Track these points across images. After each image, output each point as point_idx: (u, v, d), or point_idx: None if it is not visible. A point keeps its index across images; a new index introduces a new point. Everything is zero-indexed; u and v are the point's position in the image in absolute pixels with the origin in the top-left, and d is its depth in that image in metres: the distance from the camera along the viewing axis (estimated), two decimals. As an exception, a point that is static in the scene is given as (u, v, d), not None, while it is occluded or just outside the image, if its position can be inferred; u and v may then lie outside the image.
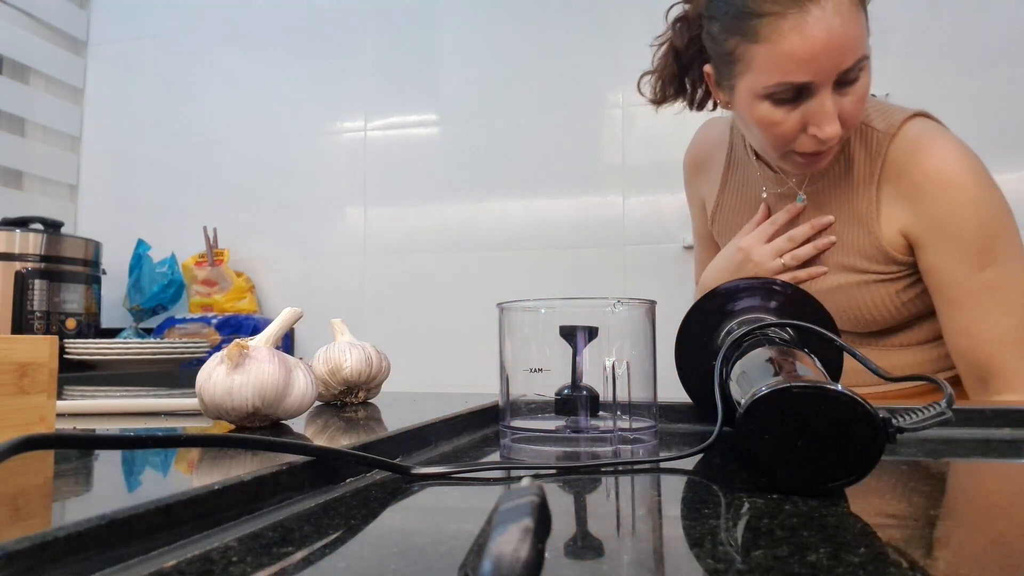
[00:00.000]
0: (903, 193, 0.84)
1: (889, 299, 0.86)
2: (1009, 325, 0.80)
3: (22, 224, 1.61)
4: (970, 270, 0.81)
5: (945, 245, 0.82)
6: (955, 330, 0.83)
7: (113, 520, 0.23)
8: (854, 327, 0.89)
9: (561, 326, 0.44)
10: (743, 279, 0.53)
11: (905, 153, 0.85)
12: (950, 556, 0.26)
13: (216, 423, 0.47)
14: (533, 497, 0.22)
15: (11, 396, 0.37)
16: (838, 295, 0.87)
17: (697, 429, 0.56)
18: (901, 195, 0.85)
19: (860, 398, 0.32)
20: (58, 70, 2.03)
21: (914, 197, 0.84)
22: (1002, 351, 0.79)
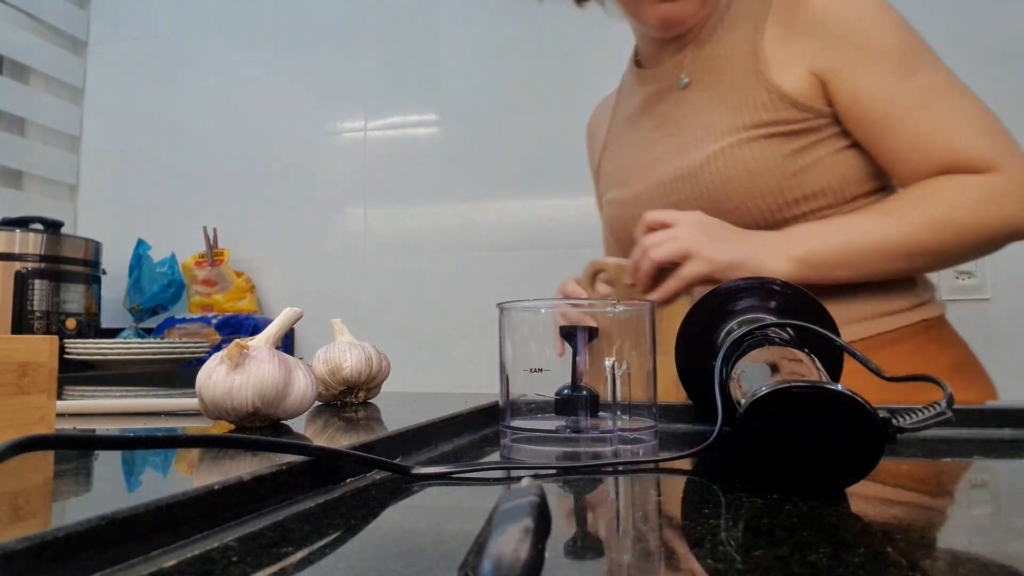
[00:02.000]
0: (801, 29, 0.79)
1: (776, 163, 0.78)
2: (962, 119, 0.75)
3: (22, 224, 1.61)
4: (901, 80, 0.76)
5: (866, 62, 0.76)
6: (900, 160, 0.76)
7: (113, 520, 0.23)
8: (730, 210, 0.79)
9: (561, 326, 0.44)
10: (743, 279, 0.53)
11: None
12: (950, 556, 0.26)
13: (216, 423, 0.47)
14: (533, 497, 0.22)
15: (11, 396, 0.37)
16: (719, 160, 0.79)
17: (697, 429, 0.56)
18: (799, 32, 0.79)
19: (860, 398, 0.32)
20: (58, 70, 2.03)
21: (816, 28, 0.78)
22: (974, 142, 0.74)
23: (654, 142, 0.89)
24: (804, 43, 0.79)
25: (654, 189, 0.86)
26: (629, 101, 0.98)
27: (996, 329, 1.50)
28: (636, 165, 0.90)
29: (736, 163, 0.79)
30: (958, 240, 0.74)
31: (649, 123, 0.91)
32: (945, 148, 0.74)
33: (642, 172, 0.89)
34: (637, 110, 0.94)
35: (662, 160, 0.86)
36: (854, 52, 0.77)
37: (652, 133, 0.90)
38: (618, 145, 0.97)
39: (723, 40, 0.85)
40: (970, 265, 1.50)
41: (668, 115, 0.88)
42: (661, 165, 0.86)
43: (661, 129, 0.89)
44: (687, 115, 0.86)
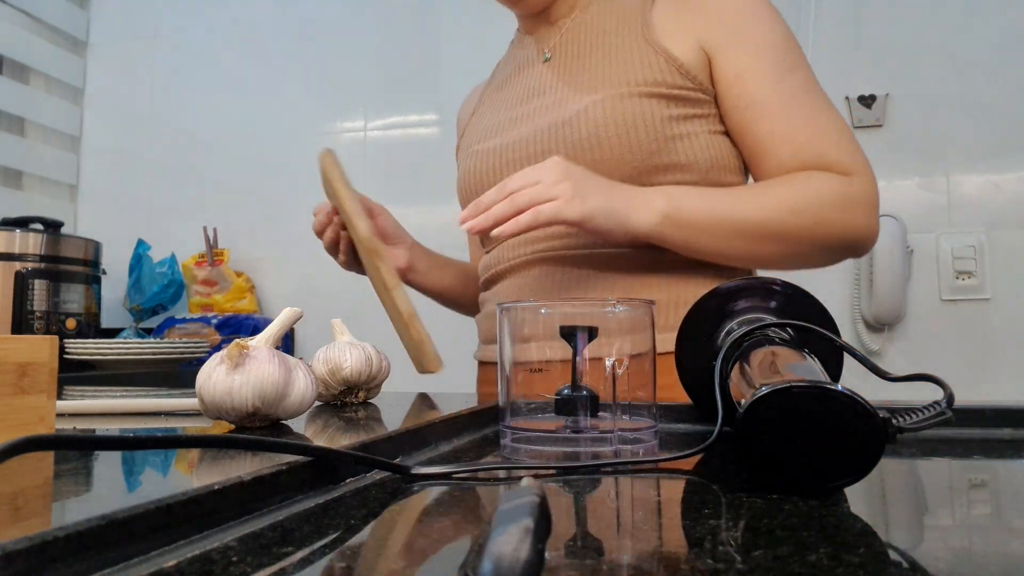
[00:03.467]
0: (691, 6, 0.82)
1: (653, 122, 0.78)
2: (821, 126, 0.78)
3: (22, 224, 1.61)
4: (780, 72, 0.79)
5: (751, 47, 0.79)
6: (771, 144, 0.78)
7: (113, 520, 0.23)
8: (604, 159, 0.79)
9: (561, 326, 0.44)
10: (743, 279, 0.53)
11: None
12: (950, 556, 0.26)
13: (216, 423, 0.47)
14: (533, 497, 0.22)
15: (11, 396, 0.37)
16: (596, 109, 0.79)
17: (697, 429, 0.56)
18: (689, 7, 0.82)
19: (860, 398, 0.32)
20: (58, 70, 2.03)
21: (705, 7, 0.81)
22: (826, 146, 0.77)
23: (522, 101, 0.90)
24: (694, 18, 0.81)
25: (526, 138, 0.85)
26: (503, 69, 1.00)
27: (996, 329, 1.50)
28: (507, 119, 0.90)
29: (614, 113, 0.79)
30: (813, 232, 0.75)
31: (518, 88, 0.92)
32: (814, 145, 0.77)
33: (512, 124, 0.89)
34: (509, 75, 0.96)
35: (536, 113, 0.86)
36: (740, 36, 0.80)
37: (519, 94, 0.91)
38: (487, 106, 0.97)
39: (604, 17, 0.87)
40: (970, 265, 1.51)
41: (534, 80, 0.90)
42: (535, 118, 0.86)
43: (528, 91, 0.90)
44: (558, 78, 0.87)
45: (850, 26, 1.61)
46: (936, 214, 1.54)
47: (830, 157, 0.77)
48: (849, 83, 1.59)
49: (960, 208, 1.53)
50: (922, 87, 1.56)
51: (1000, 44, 1.53)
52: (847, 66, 1.60)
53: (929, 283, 1.53)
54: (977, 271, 1.50)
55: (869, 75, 1.59)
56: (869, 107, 1.57)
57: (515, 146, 0.86)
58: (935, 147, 1.55)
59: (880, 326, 1.54)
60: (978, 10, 1.54)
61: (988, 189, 1.52)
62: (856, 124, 1.58)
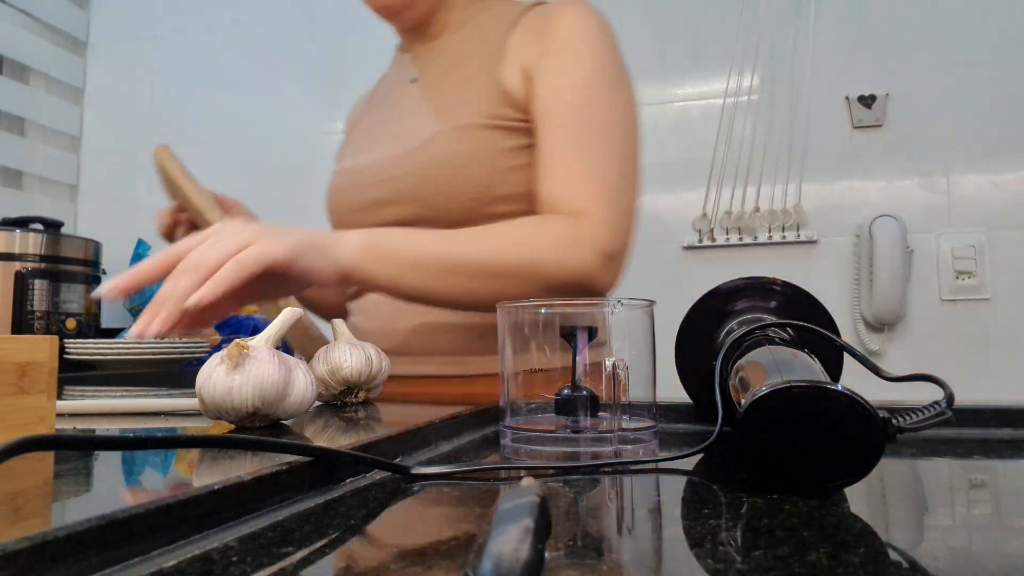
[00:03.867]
0: (536, 33, 0.83)
1: (490, 154, 0.80)
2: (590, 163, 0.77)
3: (22, 224, 1.61)
4: (570, 106, 0.78)
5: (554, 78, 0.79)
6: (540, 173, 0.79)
7: (113, 520, 0.23)
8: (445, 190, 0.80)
9: (561, 326, 0.44)
10: (742, 278, 0.53)
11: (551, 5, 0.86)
12: (950, 556, 0.26)
13: (216, 423, 0.47)
14: (533, 497, 0.22)
15: (11, 396, 0.37)
16: (438, 141, 0.81)
17: (697, 429, 0.56)
18: (534, 37, 0.83)
19: (860, 398, 0.32)
20: (58, 70, 2.03)
21: (544, 35, 0.82)
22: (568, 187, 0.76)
23: (388, 122, 0.92)
24: (533, 46, 0.82)
25: (377, 164, 0.87)
26: (383, 84, 1.02)
27: (996, 329, 1.50)
28: (368, 141, 0.92)
29: (453, 145, 0.80)
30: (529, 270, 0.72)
31: (388, 107, 0.95)
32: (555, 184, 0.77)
33: (371, 147, 0.91)
34: (385, 93, 0.98)
35: (391, 139, 0.88)
36: (547, 65, 0.80)
37: (387, 114, 0.93)
38: (361, 124, 0.99)
39: (469, 41, 0.88)
40: (970, 265, 1.51)
41: (401, 100, 0.92)
42: (388, 143, 0.88)
43: (395, 112, 0.92)
44: (419, 103, 0.88)
45: (850, 26, 1.61)
46: (936, 214, 1.54)
47: (567, 196, 0.76)
48: (849, 83, 1.59)
49: (960, 208, 1.53)
50: (922, 87, 1.56)
51: (1000, 44, 1.53)
52: (847, 66, 1.60)
53: (929, 283, 1.53)
54: (977, 271, 1.50)
55: (869, 75, 1.59)
56: (869, 107, 1.57)
57: (367, 170, 0.88)
58: (935, 147, 1.55)
59: (880, 326, 1.54)
60: (978, 10, 1.54)
61: (988, 189, 1.52)
62: (856, 124, 1.58)
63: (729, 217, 1.62)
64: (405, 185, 0.83)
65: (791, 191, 1.60)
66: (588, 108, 0.79)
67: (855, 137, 1.59)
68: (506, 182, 0.81)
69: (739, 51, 1.65)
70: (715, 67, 1.67)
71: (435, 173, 0.81)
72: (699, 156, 1.66)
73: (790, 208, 1.59)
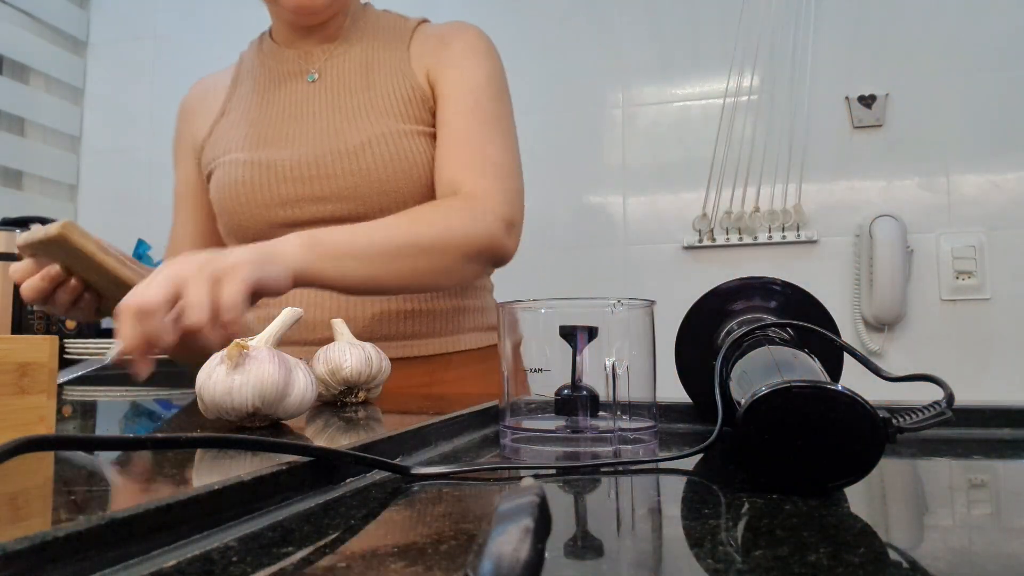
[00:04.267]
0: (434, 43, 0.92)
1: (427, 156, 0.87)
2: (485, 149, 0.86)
3: (22, 224, 1.61)
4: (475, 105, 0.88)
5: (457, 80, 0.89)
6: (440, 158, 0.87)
7: (113, 520, 0.23)
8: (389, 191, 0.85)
9: (561, 326, 0.44)
10: (742, 279, 0.53)
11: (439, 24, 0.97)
12: (950, 556, 0.26)
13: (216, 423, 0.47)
14: (533, 497, 0.22)
15: (11, 396, 0.37)
16: (384, 144, 0.86)
17: (697, 429, 0.56)
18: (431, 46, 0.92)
19: (860, 398, 0.32)
20: (58, 70, 2.03)
21: (443, 44, 0.92)
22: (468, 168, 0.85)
23: (291, 119, 0.92)
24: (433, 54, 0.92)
25: (304, 159, 0.88)
26: (254, 74, 0.99)
27: (996, 329, 1.50)
28: (272, 135, 0.91)
29: (400, 150, 0.86)
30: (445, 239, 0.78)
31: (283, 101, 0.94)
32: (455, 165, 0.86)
33: (280, 141, 0.90)
34: (265, 85, 0.97)
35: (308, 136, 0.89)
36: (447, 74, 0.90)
37: (284, 110, 0.93)
38: (239, 113, 0.96)
39: (367, 47, 0.94)
40: (970, 265, 1.51)
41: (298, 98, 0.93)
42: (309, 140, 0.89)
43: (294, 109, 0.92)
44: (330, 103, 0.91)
45: (850, 26, 1.61)
46: (936, 214, 1.54)
47: (467, 176, 0.84)
48: (849, 83, 1.59)
49: (960, 208, 1.53)
50: (922, 87, 1.56)
51: (1000, 44, 1.53)
52: (847, 66, 1.60)
53: (929, 283, 1.53)
54: (977, 271, 1.50)
55: (869, 75, 1.59)
56: (869, 107, 1.57)
57: (291, 164, 0.88)
58: (935, 147, 1.55)
59: (880, 326, 1.54)
60: (978, 10, 1.54)
61: (988, 189, 1.52)
62: (856, 124, 1.58)
63: (729, 217, 1.62)
64: (345, 184, 0.86)
65: (791, 191, 1.60)
66: (480, 105, 0.89)
67: (855, 137, 1.59)
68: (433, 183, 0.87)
69: (739, 51, 1.65)
70: (715, 67, 1.67)
71: (380, 175, 0.86)
72: (699, 156, 1.66)
73: (790, 208, 1.59)
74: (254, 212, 0.90)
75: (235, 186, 0.91)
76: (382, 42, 0.94)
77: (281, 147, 0.91)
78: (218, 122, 0.99)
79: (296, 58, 0.96)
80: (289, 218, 0.88)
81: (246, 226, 0.91)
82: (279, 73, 0.97)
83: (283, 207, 0.88)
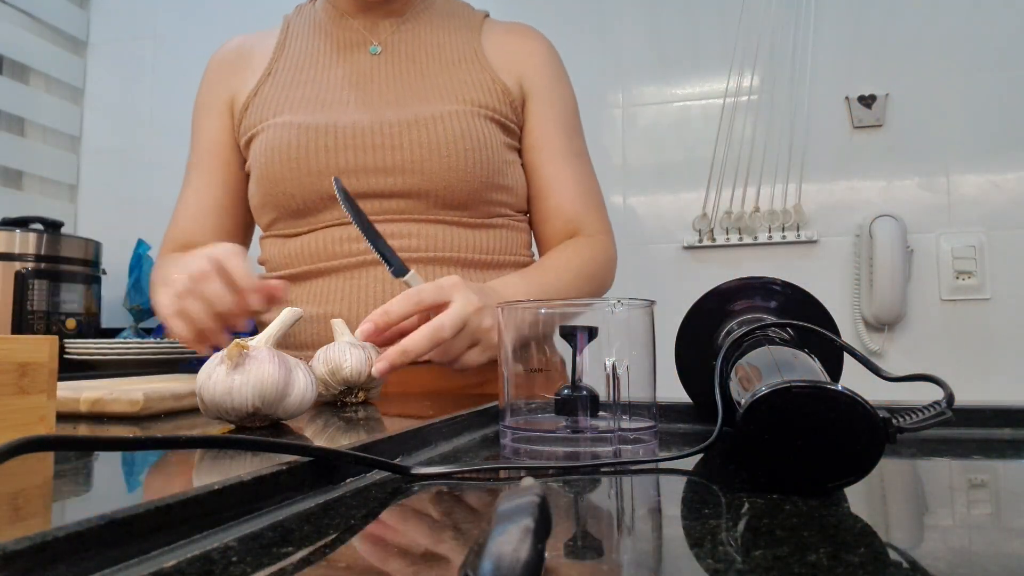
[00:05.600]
0: (512, 46, 0.94)
1: (496, 145, 0.87)
2: (592, 188, 0.95)
3: (22, 224, 1.61)
4: (568, 135, 0.94)
5: (553, 105, 0.93)
6: (553, 186, 0.92)
7: (113, 520, 0.23)
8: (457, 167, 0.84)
9: (561, 326, 0.44)
10: (742, 279, 0.53)
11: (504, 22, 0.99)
12: (950, 556, 0.26)
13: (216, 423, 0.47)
14: (533, 497, 0.22)
15: (11, 396, 0.37)
16: (456, 120, 0.85)
17: (697, 429, 0.56)
18: (511, 48, 0.94)
19: (860, 398, 0.32)
20: (58, 70, 2.03)
21: (527, 54, 0.94)
22: (588, 208, 0.93)
23: (354, 84, 0.89)
24: (516, 58, 0.93)
25: (369, 126, 0.85)
26: (308, 38, 0.95)
27: (996, 329, 1.50)
28: (332, 100, 0.87)
29: (472, 129, 0.86)
30: (592, 290, 0.90)
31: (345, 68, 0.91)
32: (582, 201, 0.93)
33: (342, 107, 0.87)
34: (323, 50, 0.93)
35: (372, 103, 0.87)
36: (549, 88, 0.93)
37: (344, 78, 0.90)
38: (295, 75, 0.91)
39: (436, 28, 0.94)
40: (970, 265, 1.51)
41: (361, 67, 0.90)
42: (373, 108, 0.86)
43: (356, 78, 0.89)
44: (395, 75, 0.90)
45: (850, 26, 1.61)
46: (936, 214, 1.54)
47: (590, 216, 0.93)
48: (849, 83, 1.59)
49: (960, 208, 1.53)
50: (922, 87, 1.56)
51: (1000, 44, 1.53)
52: (847, 66, 1.60)
53: (929, 283, 1.53)
54: (977, 271, 1.50)
55: (869, 75, 1.59)
56: (869, 107, 1.57)
57: (352, 131, 0.84)
58: (935, 147, 1.55)
59: (880, 326, 1.54)
60: (978, 10, 1.54)
61: (988, 189, 1.52)
62: (856, 124, 1.58)
63: (729, 217, 1.62)
64: (412, 156, 0.83)
65: (791, 191, 1.60)
66: (579, 138, 0.96)
67: (855, 137, 1.59)
68: (505, 174, 0.89)
69: (739, 51, 1.65)
70: (715, 67, 1.67)
71: (450, 149, 0.84)
72: (699, 156, 1.66)
73: (790, 208, 1.59)
74: (304, 180, 0.83)
75: (287, 150, 0.84)
76: (453, 26, 0.95)
77: (342, 112, 0.86)
78: (264, 82, 0.92)
79: (360, 28, 0.93)
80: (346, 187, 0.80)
81: (292, 194, 0.84)
82: (339, 40, 0.93)
83: (338, 175, 0.82)
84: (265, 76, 0.93)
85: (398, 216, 0.84)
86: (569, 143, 0.93)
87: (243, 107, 0.92)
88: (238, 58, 0.97)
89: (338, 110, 0.86)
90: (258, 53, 0.96)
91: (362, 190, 0.83)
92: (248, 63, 0.96)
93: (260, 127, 0.89)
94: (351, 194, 0.79)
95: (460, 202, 0.85)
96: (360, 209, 0.76)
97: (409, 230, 0.84)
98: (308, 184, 0.84)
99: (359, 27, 0.93)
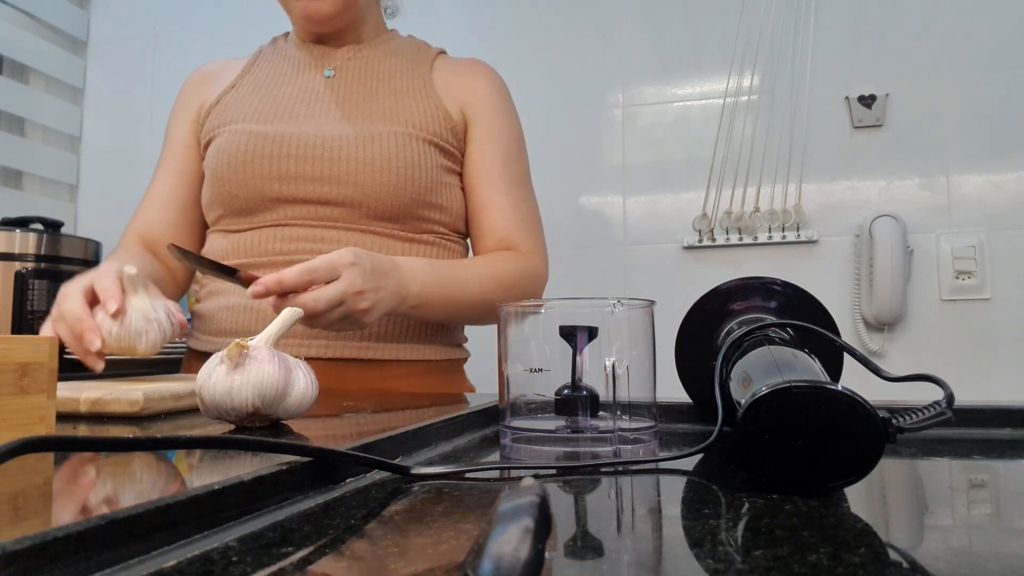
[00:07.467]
0: (460, 78, 1.01)
1: (432, 167, 0.94)
2: (528, 211, 1.00)
3: (22, 224, 1.61)
4: (507, 160, 1.00)
5: (493, 131, 1.00)
6: (489, 207, 0.98)
7: (113, 520, 0.23)
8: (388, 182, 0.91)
9: (561, 326, 0.44)
10: (742, 279, 0.53)
11: (456, 58, 1.06)
12: (950, 556, 0.26)
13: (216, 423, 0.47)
14: (533, 497, 0.22)
15: (11, 396, 0.37)
16: (396, 139, 0.92)
17: (697, 429, 0.56)
18: (458, 79, 1.01)
19: (860, 398, 0.32)
20: (58, 70, 2.03)
21: (472, 84, 1.01)
22: (520, 229, 0.98)
23: (302, 103, 0.96)
24: (462, 89, 1.00)
25: (315, 139, 0.92)
26: (272, 60, 1.05)
27: (996, 329, 1.50)
28: (283, 111, 0.95)
29: (409, 150, 0.92)
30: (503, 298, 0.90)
31: (298, 86, 0.99)
32: (515, 223, 0.98)
33: (292, 119, 0.94)
34: (282, 70, 1.02)
35: (319, 118, 0.94)
36: (490, 117, 1.00)
37: (296, 95, 0.98)
38: (254, 89, 1.01)
39: (389, 58, 1.01)
40: (970, 265, 1.51)
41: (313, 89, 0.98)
42: (319, 122, 0.94)
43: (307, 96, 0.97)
44: (343, 97, 0.97)
45: (850, 26, 1.61)
46: (936, 214, 1.54)
47: (522, 236, 0.98)
48: (849, 83, 1.59)
49: (960, 208, 1.53)
50: (922, 87, 1.56)
51: (1000, 44, 1.53)
52: (847, 66, 1.60)
53: (929, 283, 1.53)
54: (977, 271, 1.50)
55: (869, 75, 1.59)
56: (869, 107, 1.57)
57: (296, 142, 0.92)
58: (935, 147, 1.54)
59: (880, 326, 1.54)
60: (978, 10, 1.54)
61: (988, 189, 1.52)
62: (856, 124, 1.58)
63: (729, 217, 1.62)
64: (347, 168, 0.90)
65: (791, 191, 1.60)
66: (519, 165, 1.02)
67: (855, 137, 1.59)
68: (439, 193, 0.95)
69: (739, 51, 1.65)
70: (715, 67, 1.67)
71: (384, 166, 0.91)
72: (699, 156, 1.66)
73: (790, 208, 1.59)
74: (249, 182, 0.92)
75: (236, 154, 0.93)
76: (406, 58, 1.02)
77: (289, 124, 0.94)
78: (227, 92, 1.02)
79: (319, 54, 1.02)
80: (284, 194, 0.91)
81: (237, 195, 0.93)
82: (299, 62, 1.02)
83: (280, 182, 0.91)
84: (229, 88, 1.03)
85: (331, 223, 0.92)
86: (507, 168, 0.99)
87: (206, 113, 1.02)
88: (211, 75, 1.08)
89: (287, 122, 0.94)
90: (229, 72, 1.07)
91: (301, 196, 0.91)
92: (218, 79, 1.07)
93: (217, 131, 0.98)
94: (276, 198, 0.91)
95: (391, 215, 0.92)
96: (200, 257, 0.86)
97: (340, 237, 0.91)
98: (252, 186, 0.92)
99: (319, 54, 1.02)
